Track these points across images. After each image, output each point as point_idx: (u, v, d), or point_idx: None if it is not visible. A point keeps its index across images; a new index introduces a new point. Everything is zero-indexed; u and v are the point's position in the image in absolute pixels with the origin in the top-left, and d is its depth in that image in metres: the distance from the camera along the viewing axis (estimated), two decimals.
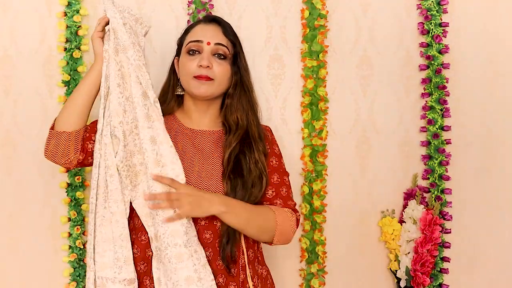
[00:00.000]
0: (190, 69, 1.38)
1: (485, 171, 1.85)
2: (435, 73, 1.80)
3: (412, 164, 1.84)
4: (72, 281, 1.72)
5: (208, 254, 1.30)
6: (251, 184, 1.36)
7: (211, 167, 1.36)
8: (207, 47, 1.38)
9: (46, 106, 1.71)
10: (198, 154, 1.38)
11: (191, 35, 1.42)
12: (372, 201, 1.84)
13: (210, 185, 1.33)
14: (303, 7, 1.76)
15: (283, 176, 1.43)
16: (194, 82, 1.37)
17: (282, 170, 1.44)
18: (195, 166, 1.36)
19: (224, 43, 1.40)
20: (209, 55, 1.38)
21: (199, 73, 1.36)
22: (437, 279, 1.81)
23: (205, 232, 1.31)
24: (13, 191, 1.72)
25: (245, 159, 1.37)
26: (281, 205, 1.39)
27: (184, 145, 1.39)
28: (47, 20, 1.69)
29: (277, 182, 1.41)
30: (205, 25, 1.43)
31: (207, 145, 1.41)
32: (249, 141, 1.39)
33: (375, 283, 1.85)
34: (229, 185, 1.33)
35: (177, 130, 1.43)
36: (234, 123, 1.42)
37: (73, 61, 1.68)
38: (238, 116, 1.42)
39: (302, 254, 1.80)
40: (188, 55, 1.39)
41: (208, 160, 1.38)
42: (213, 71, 1.37)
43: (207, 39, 1.38)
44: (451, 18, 1.80)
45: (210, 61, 1.37)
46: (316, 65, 1.76)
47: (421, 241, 1.71)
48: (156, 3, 1.73)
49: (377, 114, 1.83)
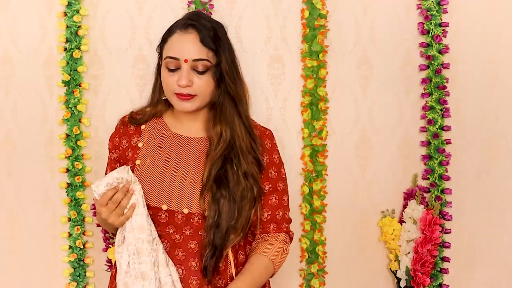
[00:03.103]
0: (170, 86, 1.32)
1: (485, 171, 1.85)
2: (435, 73, 1.79)
3: (412, 164, 1.84)
4: (72, 281, 1.72)
5: (194, 265, 1.29)
6: (239, 196, 1.31)
7: (196, 176, 1.33)
8: (185, 65, 1.30)
9: (46, 106, 1.71)
10: (182, 162, 1.35)
11: (168, 47, 1.33)
12: (372, 201, 1.83)
13: (193, 195, 1.31)
14: (303, 7, 1.76)
15: (282, 196, 1.39)
16: (176, 99, 1.32)
17: (281, 187, 1.39)
18: (178, 174, 1.33)
19: (204, 55, 1.30)
20: (189, 71, 1.30)
21: (179, 91, 1.30)
22: (437, 279, 1.81)
23: (190, 242, 1.30)
24: (13, 191, 1.72)
25: (232, 169, 1.32)
26: (275, 230, 1.37)
27: (169, 152, 1.36)
28: (47, 20, 1.69)
29: (274, 204, 1.37)
30: (181, 34, 1.32)
31: (194, 153, 1.36)
32: (235, 153, 1.33)
33: (375, 283, 1.86)
34: (211, 197, 1.29)
35: (163, 135, 1.39)
36: (216, 136, 1.35)
37: (73, 61, 1.68)
38: (222, 129, 1.35)
39: (302, 254, 1.81)
40: (167, 70, 1.32)
41: (193, 168, 1.34)
42: (194, 87, 1.30)
43: (184, 56, 1.29)
44: (451, 18, 1.80)
45: (190, 78, 1.30)
46: (316, 65, 1.76)
47: (421, 241, 1.71)
48: (156, 3, 1.73)
49: (377, 114, 1.82)
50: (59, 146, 1.71)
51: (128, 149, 1.39)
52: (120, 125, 1.44)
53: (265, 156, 1.38)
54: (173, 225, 1.31)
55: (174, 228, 1.31)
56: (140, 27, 1.72)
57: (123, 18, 1.72)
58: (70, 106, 1.69)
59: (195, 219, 1.31)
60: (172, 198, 1.31)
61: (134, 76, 1.73)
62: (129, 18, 1.72)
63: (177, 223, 1.31)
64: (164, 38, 1.36)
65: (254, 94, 1.76)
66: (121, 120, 1.45)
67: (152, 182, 1.33)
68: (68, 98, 1.69)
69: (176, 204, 1.31)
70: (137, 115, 1.43)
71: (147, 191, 1.32)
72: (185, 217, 1.30)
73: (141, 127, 1.41)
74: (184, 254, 1.30)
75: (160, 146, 1.37)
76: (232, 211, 1.29)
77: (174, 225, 1.31)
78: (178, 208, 1.30)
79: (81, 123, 1.71)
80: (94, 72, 1.72)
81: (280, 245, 1.37)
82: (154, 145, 1.38)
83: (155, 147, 1.38)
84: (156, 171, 1.34)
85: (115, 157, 1.41)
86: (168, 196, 1.31)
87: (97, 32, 1.71)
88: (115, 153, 1.42)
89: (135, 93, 1.73)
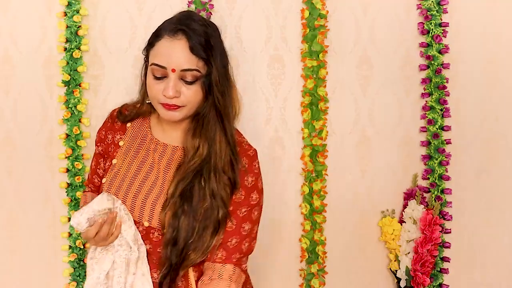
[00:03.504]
0: (155, 95, 1.22)
1: (485, 171, 1.85)
2: (435, 73, 1.79)
3: (412, 164, 1.84)
4: (72, 281, 1.72)
5: (156, 276, 1.24)
6: (202, 215, 1.20)
7: (162, 187, 1.25)
8: (173, 74, 1.19)
9: (46, 106, 1.71)
10: (154, 170, 1.27)
11: (154, 53, 1.22)
12: (372, 201, 1.84)
13: (154, 208, 1.23)
14: (303, 7, 1.76)
15: (242, 223, 1.25)
16: (162, 109, 1.23)
17: (244, 213, 1.25)
18: (147, 183, 1.26)
19: (193, 65, 1.20)
20: (176, 81, 1.20)
21: (165, 102, 1.21)
22: (437, 279, 1.81)
23: (151, 256, 1.25)
24: (13, 191, 1.72)
25: (199, 184, 1.22)
26: (222, 259, 1.23)
27: (145, 157, 1.30)
28: (47, 20, 1.69)
29: (229, 229, 1.24)
30: (170, 40, 1.20)
31: (166, 162, 1.28)
32: (207, 169, 1.23)
33: (375, 283, 1.86)
34: (172, 212, 1.20)
35: (144, 138, 1.33)
36: (192, 148, 1.25)
37: (73, 61, 1.68)
38: (200, 143, 1.25)
39: (302, 254, 1.81)
40: (153, 77, 1.22)
41: (161, 179, 1.26)
42: (181, 98, 1.21)
43: (172, 65, 1.19)
44: (451, 18, 1.80)
45: (178, 88, 1.20)
46: (316, 65, 1.76)
47: (421, 241, 1.71)
48: (156, 3, 1.72)
49: (377, 114, 1.82)
50: (59, 146, 1.71)
51: (111, 145, 1.35)
52: (109, 118, 1.40)
53: (243, 177, 1.27)
54: None
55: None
56: (140, 27, 1.72)
57: (123, 18, 1.72)
58: (70, 106, 1.69)
59: (155, 234, 1.23)
60: (135, 208, 1.24)
61: (134, 76, 1.73)
62: (129, 18, 1.72)
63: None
64: (151, 42, 1.25)
65: (254, 94, 1.77)
66: (111, 113, 1.41)
67: (120, 187, 1.27)
68: (68, 98, 1.69)
69: (138, 215, 1.24)
70: (126, 110, 1.37)
71: (115, 195, 1.26)
72: (145, 230, 1.24)
73: (127, 124, 1.36)
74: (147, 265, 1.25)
75: (138, 149, 1.31)
76: (191, 229, 1.19)
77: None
78: (139, 220, 1.24)
79: (81, 123, 1.71)
80: (94, 72, 1.72)
81: (224, 285, 1.21)
82: (133, 146, 1.32)
83: (133, 149, 1.32)
84: (127, 175, 1.28)
85: (100, 151, 1.38)
86: (132, 205, 1.24)
87: (97, 32, 1.71)
88: (100, 147, 1.38)
89: (135, 93, 1.71)
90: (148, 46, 1.27)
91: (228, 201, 1.24)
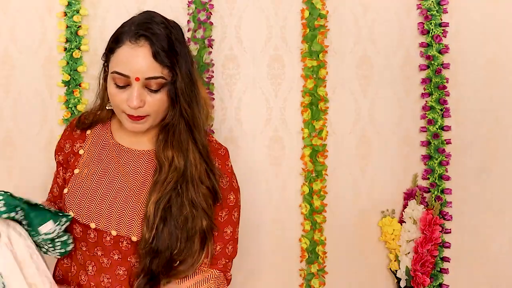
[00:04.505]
0: (118, 104, 1.15)
1: (485, 171, 1.85)
2: (435, 73, 1.80)
3: (412, 164, 1.84)
4: None
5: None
6: (182, 222, 1.15)
7: (131, 195, 1.19)
8: (136, 83, 1.12)
9: (46, 106, 1.71)
10: (119, 177, 1.22)
11: (116, 60, 1.14)
12: (372, 201, 1.83)
13: (122, 216, 1.18)
14: (303, 7, 1.76)
15: (224, 228, 1.23)
16: (125, 119, 1.17)
17: (224, 216, 1.23)
18: (112, 190, 1.20)
19: (158, 73, 1.12)
20: (140, 90, 1.13)
21: (129, 112, 1.15)
22: (437, 279, 1.81)
23: (118, 268, 1.19)
24: (13, 191, 1.71)
25: (176, 194, 1.16)
26: (207, 265, 1.21)
27: (108, 163, 1.24)
28: (47, 20, 1.69)
29: (213, 236, 1.22)
30: (132, 46, 1.13)
31: (133, 168, 1.22)
32: (184, 180, 1.17)
33: (375, 283, 1.85)
34: (148, 221, 1.15)
35: (105, 144, 1.26)
36: (167, 160, 1.18)
37: (73, 61, 1.69)
38: (174, 155, 1.18)
39: (302, 254, 1.80)
40: (115, 85, 1.15)
41: (128, 186, 1.20)
42: (146, 107, 1.15)
43: (135, 73, 1.11)
44: (451, 18, 1.80)
45: (142, 98, 1.13)
46: (316, 65, 1.76)
47: (421, 241, 1.71)
48: (156, 3, 1.72)
49: (377, 114, 1.82)
50: None
51: (70, 155, 1.29)
52: (68, 127, 1.35)
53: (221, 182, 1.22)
54: (101, 247, 1.19)
55: (102, 251, 1.19)
56: None
57: (123, 18, 1.69)
58: (70, 106, 1.69)
59: (123, 243, 1.18)
60: (101, 217, 1.18)
61: None
62: (129, 18, 1.71)
63: (105, 246, 1.18)
64: (111, 48, 1.17)
65: (254, 94, 1.77)
66: (70, 122, 1.36)
67: (84, 195, 1.21)
68: (68, 98, 1.69)
69: (104, 224, 1.18)
70: (85, 118, 1.31)
71: (78, 205, 1.21)
72: (113, 239, 1.18)
73: (87, 132, 1.30)
74: (110, 281, 1.19)
75: (100, 156, 1.25)
76: (175, 237, 1.14)
77: (102, 247, 1.19)
78: (106, 229, 1.17)
79: None
80: (94, 72, 1.71)
81: (206, 284, 1.18)
82: (95, 154, 1.26)
83: (95, 157, 1.26)
84: (90, 184, 1.22)
85: (60, 160, 1.32)
86: (98, 213, 1.18)
87: (97, 32, 1.71)
88: (60, 156, 1.33)
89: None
90: (108, 51, 1.19)
91: (210, 211, 1.19)
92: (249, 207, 1.77)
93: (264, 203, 1.80)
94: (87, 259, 1.21)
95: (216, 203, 1.22)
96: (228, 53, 1.77)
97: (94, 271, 1.20)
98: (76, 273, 1.24)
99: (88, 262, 1.21)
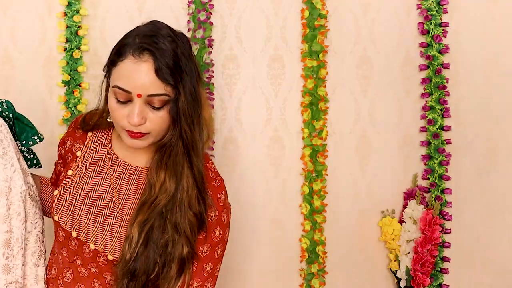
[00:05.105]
0: (119, 120, 1.10)
1: (485, 171, 1.85)
2: (435, 73, 1.80)
3: (412, 164, 1.84)
4: None
5: None
6: (162, 246, 1.10)
7: (114, 211, 1.16)
8: (138, 100, 1.07)
9: (46, 106, 1.71)
10: (108, 189, 1.19)
11: (117, 74, 1.09)
12: (372, 201, 1.83)
13: (102, 231, 1.14)
14: (303, 7, 1.76)
15: (204, 264, 1.16)
16: (126, 136, 1.12)
17: (207, 252, 1.17)
18: (98, 202, 1.18)
19: (161, 90, 1.07)
20: (142, 107, 1.08)
21: (130, 129, 1.09)
22: (437, 279, 1.81)
23: (94, 281, 1.16)
24: None
25: (160, 216, 1.12)
26: None
27: (101, 172, 1.21)
28: (47, 20, 1.69)
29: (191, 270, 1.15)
30: (135, 61, 1.07)
31: (122, 183, 1.19)
32: (173, 203, 1.12)
33: (375, 283, 1.85)
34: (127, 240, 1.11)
35: (103, 151, 1.23)
36: (158, 182, 1.13)
37: (73, 61, 1.69)
38: (166, 177, 1.13)
39: (302, 254, 1.81)
40: (116, 100, 1.10)
41: (114, 201, 1.17)
42: (147, 125, 1.10)
43: (138, 90, 1.06)
44: (451, 18, 1.80)
45: (144, 115, 1.08)
46: (316, 65, 1.76)
47: (421, 241, 1.71)
48: (156, 3, 1.72)
49: (377, 114, 1.82)
50: None
51: (69, 153, 1.28)
52: (72, 123, 1.33)
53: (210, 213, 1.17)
54: (81, 257, 1.16)
55: (81, 260, 1.16)
56: None
57: (123, 18, 1.72)
58: (70, 106, 1.69)
59: (100, 258, 1.14)
60: (83, 227, 1.15)
61: None
62: (129, 18, 1.72)
63: (84, 256, 1.15)
64: (113, 60, 1.11)
65: (254, 94, 1.77)
66: (76, 118, 1.33)
67: (71, 202, 1.18)
68: (68, 98, 1.69)
69: (85, 235, 1.14)
70: (90, 119, 1.27)
71: (63, 211, 1.18)
72: (91, 252, 1.14)
73: (88, 134, 1.27)
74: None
75: (95, 163, 1.21)
76: (152, 262, 1.10)
77: (81, 257, 1.16)
78: (86, 240, 1.14)
79: None
80: (94, 72, 1.72)
81: None
82: (91, 159, 1.23)
83: (90, 162, 1.23)
84: (79, 191, 1.19)
85: (61, 153, 1.32)
86: (80, 223, 1.15)
87: (97, 32, 1.71)
88: (62, 149, 1.31)
89: None
90: (110, 63, 1.13)
91: (192, 239, 1.13)
92: (249, 207, 1.78)
93: (264, 203, 1.80)
94: (66, 265, 1.19)
95: (200, 231, 1.15)
96: (228, 53, 1.77)
97: (71, 279, 1.18)
98: (56, 276, 1.23)
99: (66, 269, 1.19)
